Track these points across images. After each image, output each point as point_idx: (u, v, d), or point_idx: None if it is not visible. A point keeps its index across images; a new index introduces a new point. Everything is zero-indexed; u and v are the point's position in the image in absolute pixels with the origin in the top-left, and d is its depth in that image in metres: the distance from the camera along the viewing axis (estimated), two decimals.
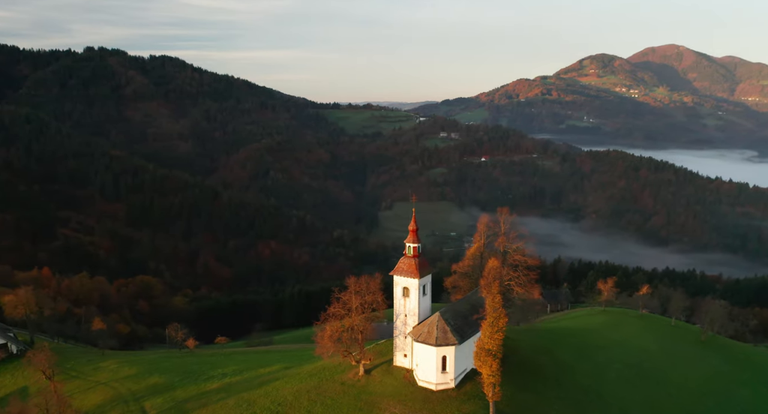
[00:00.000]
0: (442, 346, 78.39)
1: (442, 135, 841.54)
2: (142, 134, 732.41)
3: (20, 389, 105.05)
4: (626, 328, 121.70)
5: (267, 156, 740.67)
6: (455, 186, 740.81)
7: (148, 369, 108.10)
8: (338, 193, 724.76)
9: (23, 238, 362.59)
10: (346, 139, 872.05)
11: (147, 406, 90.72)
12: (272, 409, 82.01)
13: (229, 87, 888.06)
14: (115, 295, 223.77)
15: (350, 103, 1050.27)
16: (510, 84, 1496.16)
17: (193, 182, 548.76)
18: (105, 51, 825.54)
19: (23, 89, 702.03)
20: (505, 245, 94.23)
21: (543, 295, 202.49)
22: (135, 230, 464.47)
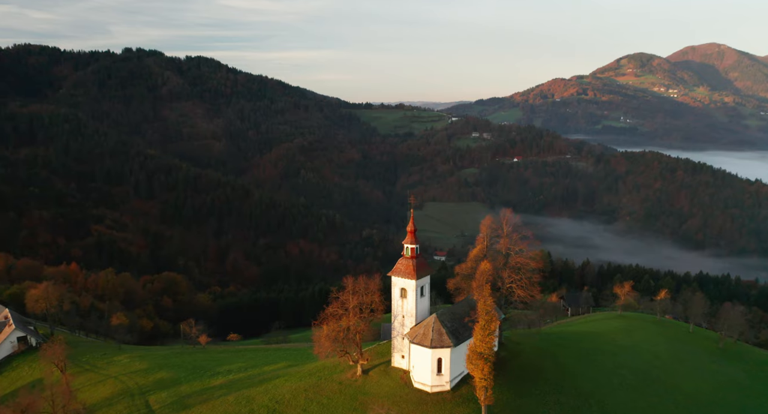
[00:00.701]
0: (437, 348, 77.91)
1: (474, 135, 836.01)
2: (177, 133, 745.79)
3: (36, 381, 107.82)
4: (639, 334, 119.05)
5: (299, 155, 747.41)
6: (486, 186, 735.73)
7: (158, 364, 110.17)
8: (368, 193, 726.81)
9: (58, 234, 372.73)
10: (378, 139, 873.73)
11: (151, 400, 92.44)
12: (270, 407, 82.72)
13: (262, 87, 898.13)
14: (140, 291, 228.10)
15: (382, 103, 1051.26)
16: (545, 84, 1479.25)
17: (224, 181, 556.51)
18: (142, 52, 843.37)
19: (63, 89, 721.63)
20: (507, 247, 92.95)
21: (564, 298, 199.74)
22: (167, 228, 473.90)
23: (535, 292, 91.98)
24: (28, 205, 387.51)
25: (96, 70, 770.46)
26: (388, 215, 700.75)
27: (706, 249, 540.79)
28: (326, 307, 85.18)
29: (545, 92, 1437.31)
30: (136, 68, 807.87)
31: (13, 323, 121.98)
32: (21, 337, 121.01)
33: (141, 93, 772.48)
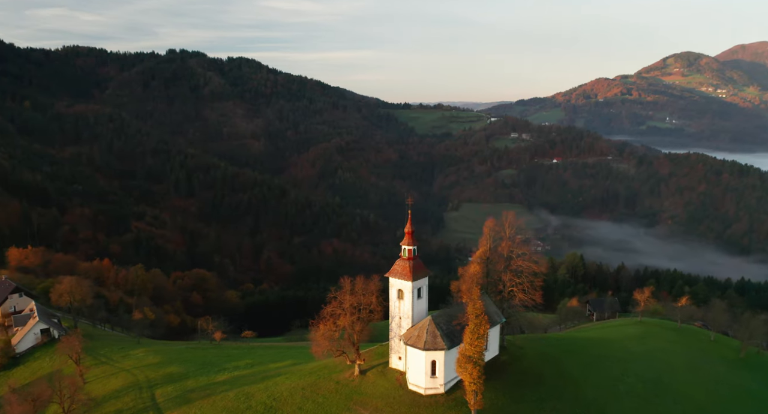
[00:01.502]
0: (431, 351, 77.44)
1: (512, 136, 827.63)
2: (218, 133, 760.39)
3: (54, 372, 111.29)
4: (655, 341, 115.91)
5: (336, 155, 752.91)
6: (524, 188, 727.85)
7: (170, 359, 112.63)
8: (404, 193, 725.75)
9: (99, 230, 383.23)
10: (416, 139, 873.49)
11: (157, 394, 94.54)
12: (267, 404, 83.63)
13: (302, 87, 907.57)
14: (170, 287, 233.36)
15: (421, 103, 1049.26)
16: (588, 83, 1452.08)
17: (261, 180, 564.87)
18: (186, 53, 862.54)
19: (109, 90, 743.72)
20: (509, 250, 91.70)
21: (590, 303, 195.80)
22: (204, 225, 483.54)
23: (537, 296, 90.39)
24: (71, 202, 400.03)
25: (141, 71, 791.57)
26: (424, 216, 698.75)
27: (751, 254, 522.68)
28: (324, 307, 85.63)
29: (588, 92, 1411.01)
30: (179, 69, 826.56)
31: (38, 316, 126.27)
32: (44, 329, 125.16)
33: (183, 93, 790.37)
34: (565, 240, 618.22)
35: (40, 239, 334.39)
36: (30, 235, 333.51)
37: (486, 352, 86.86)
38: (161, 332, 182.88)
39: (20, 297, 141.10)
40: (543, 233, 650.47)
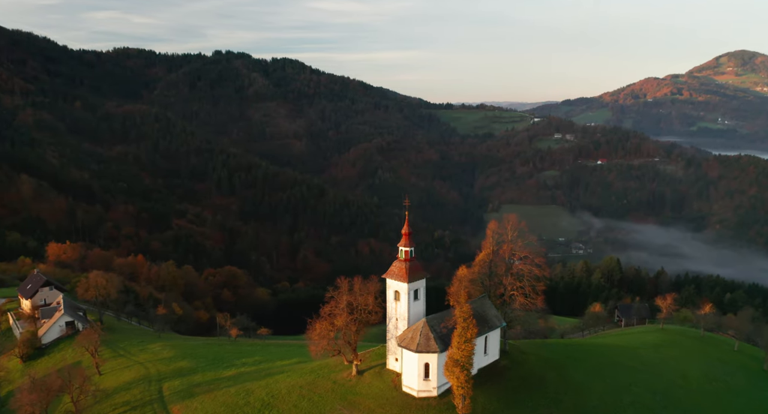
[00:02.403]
0: (423, 353, 76.95)
1: (556, 136, 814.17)
2: (261, 133, 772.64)
3: (75, 363, 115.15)
4: (672, 350, 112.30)
5: (376, 155, 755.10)
6: (567, 190, 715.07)
7: (184, 353, 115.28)
8: (445, 194, 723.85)
9: (141, 227, 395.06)
10: (457, 140, 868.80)
11: (165, 387, 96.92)
12: (265, 401, 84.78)
13: (344, 88, 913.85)
14: (201, 284, 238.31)
15: (463, 103, 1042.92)
16: (637, 83, 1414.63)
17: (301, 179, 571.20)
18: (231, 54, 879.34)
19: (157, 90, 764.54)
20: (510, 253, 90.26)
21: (619, 308, 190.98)
22: (243, 223, 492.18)
23: (539, 300, 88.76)
24: (115, 199, 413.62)
25: (187, 72, 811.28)
26: (464, 217, 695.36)
27: None
28: (322, 307, 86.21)
29: (637, 92, 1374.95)
30: (225, 70, 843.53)
31: (63, 309, 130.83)
32: (69, 321, 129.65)
33: (228, 94, 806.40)
34: (608, 243, 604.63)
35: (84, 235, 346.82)
36: (75, 230, 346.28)
37: (485, 356, 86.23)
38: (190, 327, 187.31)
39: (50, 290, 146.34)
40: (585, 236, 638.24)
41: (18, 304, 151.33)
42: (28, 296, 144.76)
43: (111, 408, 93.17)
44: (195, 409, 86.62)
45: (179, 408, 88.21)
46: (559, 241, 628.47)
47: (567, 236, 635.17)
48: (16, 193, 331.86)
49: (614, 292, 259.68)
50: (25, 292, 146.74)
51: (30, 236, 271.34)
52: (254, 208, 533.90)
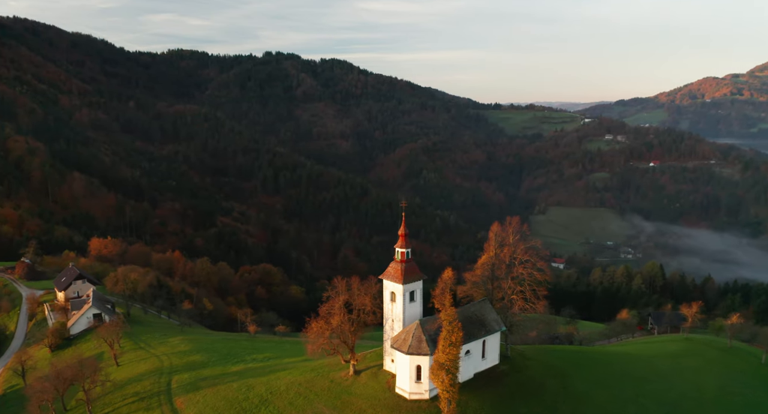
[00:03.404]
0: (415, 355, 76.57)
1: (607, 137, 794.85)
2: (308, 133, 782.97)
3: (98, 353, 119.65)
4: (691, 360, 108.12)
5: (422, 156, 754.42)
6: (617, 192, 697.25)
7: (199, 348, 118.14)
8: (490, 195, 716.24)
9: (187, 224, 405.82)
10: (505, 140, 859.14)
11: (174, 380, 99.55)
12: (263, 397, 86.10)
13: (392, 88, 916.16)
14: (236, 280, 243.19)
15: (512, 103, 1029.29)
16: (694, 83, 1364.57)
17: (344, 179, 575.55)
18: (281, 55, 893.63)
19: (209, 91, 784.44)
20: (510, 257, 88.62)
21: (652, 316, 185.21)
22: (286, 222, 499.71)
23: (539, 305, 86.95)
24: (162, 197, 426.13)
25: (238, 73, 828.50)
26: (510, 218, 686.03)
27: None
28: (320, 306, 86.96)
29: (694, 92, 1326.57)
30: (275, 71, 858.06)
31: (91, 301, 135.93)
32: (96, 314, 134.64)
33: (277, 94, 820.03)
34: (658, 248, 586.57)
35: (132, 231, 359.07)
36: (123, 226, 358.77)
37: (483, 360, 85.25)
38: (221, 322, 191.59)
39: (83, 283, 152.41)
40: (635, 240, 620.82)
41: (54, 296, 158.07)
42: (62, 288, 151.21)
43: (121, 398, 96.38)
44: (197, 402, 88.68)
45: (183, 400, 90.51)
46: (608, 244, 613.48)
47: (615, 240, 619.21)
48: (67, 190, 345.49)
49: (654, 298, 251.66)
50: (60, 285, 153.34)
51: (78, 232, 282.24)
52: (298, 207, 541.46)
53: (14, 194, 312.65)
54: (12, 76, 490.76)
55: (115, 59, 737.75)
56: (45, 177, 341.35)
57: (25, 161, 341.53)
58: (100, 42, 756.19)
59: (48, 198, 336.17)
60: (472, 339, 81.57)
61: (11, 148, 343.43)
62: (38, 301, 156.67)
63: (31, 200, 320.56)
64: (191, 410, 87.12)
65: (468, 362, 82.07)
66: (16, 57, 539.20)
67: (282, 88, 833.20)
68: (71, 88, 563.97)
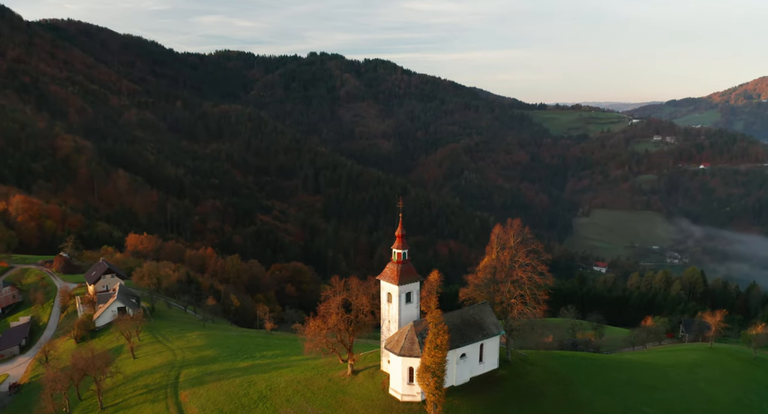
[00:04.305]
0: (407, 357, 76.37)
1: (655, 138, 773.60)
2: (350, 133, 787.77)
3: (119, 346, 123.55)
4: (709, 370, 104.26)
5: (463, 156, 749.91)
6: (664, 195, 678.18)
7: (213, 343, 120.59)
8: (532, 196, 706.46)
9: (227, 221, 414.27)
10: (549, 141, 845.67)
11: (182, 374, 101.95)
12: (263, 393, 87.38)
13: (435, 88, 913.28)
14: (266, 278, 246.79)
15: (557, 103, 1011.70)
16: (750, 83, 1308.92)
17: (384, 179, 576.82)
18: (326, 55, 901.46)
19: (254, 91, 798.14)
20: (510, 260, 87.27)
21: (683, 323, 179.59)
22: (325, 221, 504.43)
23: (539, 309, 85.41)
24: (204, 194, 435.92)
25: (283, 74, 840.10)
26: (552, 220, 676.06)
27: None
28: (318, 306, 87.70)
29: (750, 92, 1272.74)
30: (319, 71, 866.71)
31: (117, 295, 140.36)
32: (120, 307, 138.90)
33: (321, 94, 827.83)
34: (706, 253, 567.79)
35: (172, 228, 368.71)
36: (164, 223, 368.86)
37: (480, 364, 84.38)
38: (249, 319, 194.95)
39: (112, 277, 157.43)
40: (682, 245, 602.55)
41: (86, 289, 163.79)
42: (92, 282, 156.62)
43: (132, 390, 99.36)
44: (200, 396, 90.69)
45: (187, 394, 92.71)
46: (653, 249, 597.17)
47: (661, 244, 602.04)
48: (112, 187, 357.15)
49: (691, 305, 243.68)
50: (90, 278, 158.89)
51: (119, 227, 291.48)
52: (337, 206, 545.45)
53: (61, 190, 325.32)
54: (64, 77, 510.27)
55: (164, 60, 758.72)
56: (91, 174, 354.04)
57: (73, 159, 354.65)
58: (151, 43, 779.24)
59: (93, 194, 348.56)
60: (468, 342, 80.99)
61: (59, 146, 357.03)
62: (71, 294, 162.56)
63: (77, 196, 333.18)
64: (194, 403, 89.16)
65: (464, 366, 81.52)
66: (69, 58, 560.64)
67: (325, 89, 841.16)
68: (121, 88, 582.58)
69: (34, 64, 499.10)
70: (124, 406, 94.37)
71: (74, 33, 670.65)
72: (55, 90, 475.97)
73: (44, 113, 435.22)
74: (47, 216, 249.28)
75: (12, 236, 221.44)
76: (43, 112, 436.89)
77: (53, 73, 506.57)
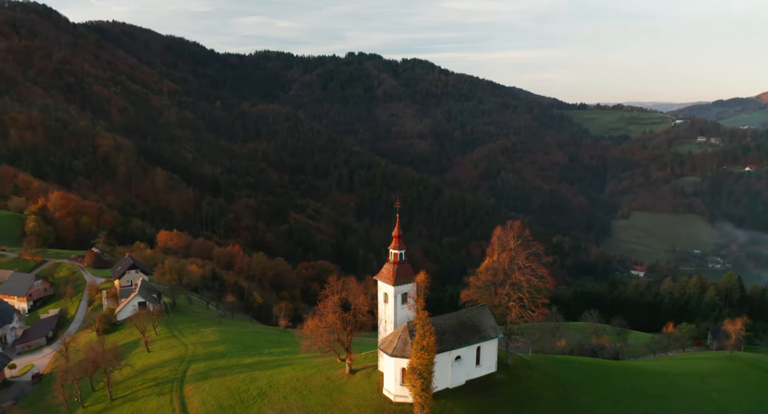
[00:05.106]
0: (399, 358, 76.34)
1: (699, 140, 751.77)
2: (387, 132, 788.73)
3: (136, 340, 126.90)
4: (724, 380, 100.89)
5: (500, 156, 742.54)
6: (707, 198, 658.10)
7: (225, 339, 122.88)
8: (571, 198, 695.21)
9: (260, 219, 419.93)
10: (589, 141, 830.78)
11: (190, 368, 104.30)
12: (262, 389, 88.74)
13: (473, 87, 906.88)
14: (291, 276, 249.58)
15: (599, 103, 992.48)
16: None
17: (418, 179, 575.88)
18: (363, 55, 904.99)
19: (292, 91, 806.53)
20: (509, 262, 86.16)
21: (711, 330, 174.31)
22: (358, 220, 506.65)
23: (537, 313, 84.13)
24: (239, 192, 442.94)
25: (321, 74, 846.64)
26: (590, 222, 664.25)
27: None
28: (317, 305, 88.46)
29: None
30: (356, 71, 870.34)
31: (138, 290, 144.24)
32: (141, 302, 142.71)
33: (358, 94, 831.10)
34: (750, 259, 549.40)
35: (206, 225, 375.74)
36: (198, 220, 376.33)
37: (477, 367, 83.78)
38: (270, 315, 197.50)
39: (136, 273, 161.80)
40: (725, 250, 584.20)
41: (112, 284, 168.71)
42: (117, 277, 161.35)
43: (141, 382, 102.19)
44: (203, 390, 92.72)
45: (191, 388, 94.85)
46: (694, 253, 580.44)
47: (703, 248, 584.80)
48: (149, 184, 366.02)
49: (726, 312, 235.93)
50: (115, 273, 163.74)
51: (153, 224, 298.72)
52: (371, 205, 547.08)
53: (100, 188, 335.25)
54: (108, 77, 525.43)
55: (205, 61, 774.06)
56: (129, 172, 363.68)
57: (112, 157, 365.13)
58: (192, 44, 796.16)
59: (131, 192, 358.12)
60: (463, 344, 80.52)
61: (100, 144, 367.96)
62: (98, 288, 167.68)
63: (116, 194, 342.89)
64: (196, 397, 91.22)
65: (459, 368, 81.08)
66: (112, 59, 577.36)
67: (363, 89, 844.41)
68: (162, 88, 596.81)
69: (78, 65, 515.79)
70: (132, 398, 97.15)
71: (118, 34, 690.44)
72: (98, 90, 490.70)
73: (87, 112, 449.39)
74: (84, 212, 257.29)
75: (49, 231, 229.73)
76: (87, 112, 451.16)
77: (97, 73, 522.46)
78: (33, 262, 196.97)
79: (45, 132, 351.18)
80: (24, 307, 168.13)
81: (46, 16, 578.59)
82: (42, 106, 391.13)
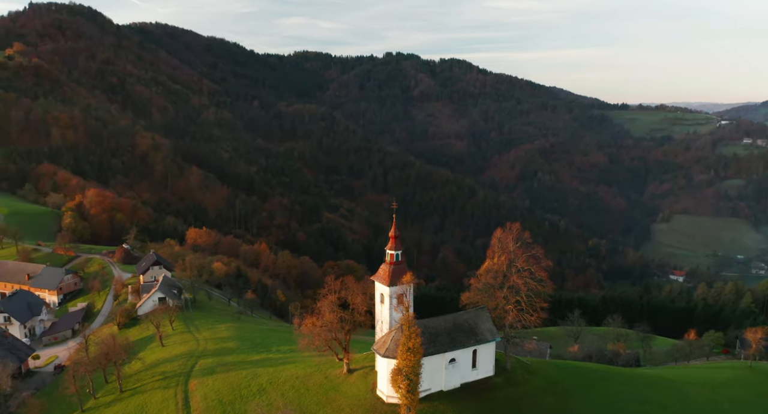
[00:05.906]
0: (391, 359, 76.43)
1: (745, 141, 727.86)
2: (423, 132, 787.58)
3: (153, 334, 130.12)
4: (738, 391, 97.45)
5: (538, 157, 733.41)
6: (752, 202, 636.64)
7: (237, 335, 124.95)
8: (609, 200, 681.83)
9: (293, 218, 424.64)
10: (630, 142, 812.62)
11: (199, 363, 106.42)
12: (263, 386, 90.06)
13: (511, 87, 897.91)
14: (316, 274, 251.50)
15: (641, 103, 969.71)
16: None
17: (452, 179, 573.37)
18: (401, 55, 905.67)
19: (330, 91, 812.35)
20: (508, 265, 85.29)
21: (739, 339, 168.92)
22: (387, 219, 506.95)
23: (535, 317, 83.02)
24: (272, 192, 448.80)
25: (358, 74, 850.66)
26: (629, 225, 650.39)
27: None
28: (315, 303, 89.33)
29: None
30: (394, 71, 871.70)
31: (159, 286, 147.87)
32: (161, 297, 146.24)
33: (395, 94, 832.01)
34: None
35: (239, 223, 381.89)
36: (232, 218, 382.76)
37: (473, 370, 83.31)
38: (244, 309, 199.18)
39: (159, 269, 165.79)
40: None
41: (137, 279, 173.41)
42: (141, 272, 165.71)
43: (150, 376, 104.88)
44: (206, 385, 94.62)
45: (196, 382, 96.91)
46: (737, 258, 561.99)
47: (747, 254, 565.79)
48: (185, 183, 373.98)
49: (761, 319, 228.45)
50: (140, 269, 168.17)
51: (186, 222, 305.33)
52: (404, 205, 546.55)
53: (137, 185, 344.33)
54: (149, 78, 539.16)
55: (245, 61, 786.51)
56: (166, 170, 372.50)
57: (150, 155, 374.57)
58: (233, 45, 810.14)
59: (167, 190, 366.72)
60: (458, 347, 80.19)
61: (138, 143, 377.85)
62: (124, 283, 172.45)
63: (152, 191, 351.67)
64: (199, 392, 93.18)
65: (453, 371, 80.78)
66: (154, 60, 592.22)
67: (400, 88, 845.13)
68: (202, 88, 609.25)
69: (121, 66, 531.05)
70: (140, 391, 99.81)
71: (160, 35, 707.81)
72: (139, 90, 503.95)
73: (128, 112, 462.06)
74: (118, 209, 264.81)
75: (85, 227, 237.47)
76: (128, 111, 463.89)
77: (139, 74, 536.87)
78: (66, 257, 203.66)
79: (86, 131, 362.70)
80: (54, 301, 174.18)
81: (91, 19, 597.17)
82: (84, 105, 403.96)
